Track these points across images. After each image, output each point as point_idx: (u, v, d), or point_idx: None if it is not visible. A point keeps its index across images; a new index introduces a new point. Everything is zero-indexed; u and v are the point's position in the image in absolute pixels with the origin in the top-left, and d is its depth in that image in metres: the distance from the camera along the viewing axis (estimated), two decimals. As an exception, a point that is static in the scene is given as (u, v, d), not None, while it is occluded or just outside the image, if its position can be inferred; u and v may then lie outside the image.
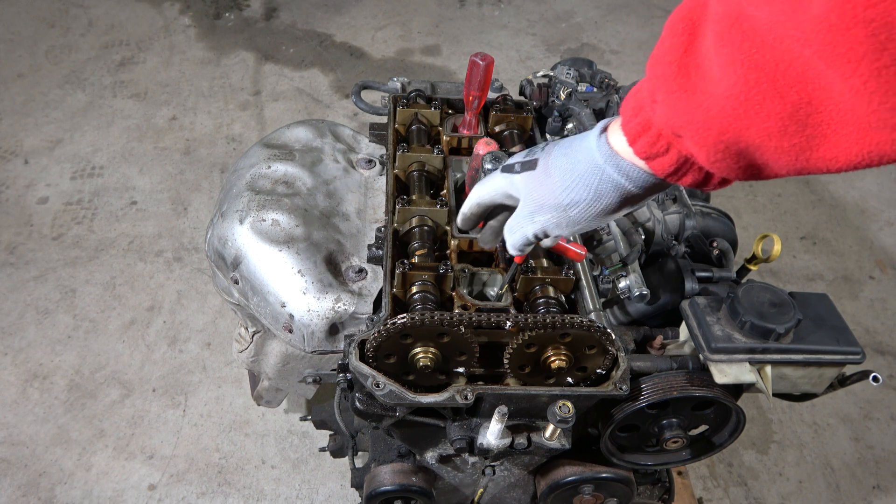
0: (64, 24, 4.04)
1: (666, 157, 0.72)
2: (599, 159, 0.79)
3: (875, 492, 2.25)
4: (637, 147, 0.74)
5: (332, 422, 1.77)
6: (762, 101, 0.57)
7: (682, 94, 0.65)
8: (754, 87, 0.57)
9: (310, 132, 1.70)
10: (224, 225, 1.46)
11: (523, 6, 4.50)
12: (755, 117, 0.59)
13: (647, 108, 0.71)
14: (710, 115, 0.62)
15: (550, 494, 1.40)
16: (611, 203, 0.80)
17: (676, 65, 0.66)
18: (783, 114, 0.57)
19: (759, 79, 0.57)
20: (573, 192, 0.82)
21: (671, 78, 0.66)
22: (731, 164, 0.66)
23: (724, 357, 1.17)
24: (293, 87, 3.71)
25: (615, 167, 0.77)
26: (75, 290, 2.63)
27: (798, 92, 0.55)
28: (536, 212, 0.88)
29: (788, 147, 0.59)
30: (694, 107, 0.64)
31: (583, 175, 0.80)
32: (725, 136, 0.62)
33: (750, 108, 0.59)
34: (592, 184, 0.80)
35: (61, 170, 3.13)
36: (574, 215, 0.84)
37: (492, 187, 0.96)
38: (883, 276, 2.96)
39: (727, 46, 0.59)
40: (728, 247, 1.36)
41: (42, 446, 2.17)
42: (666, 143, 0.71)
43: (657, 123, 0.71)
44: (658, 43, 0.69)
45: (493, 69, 1.41)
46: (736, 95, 0.59)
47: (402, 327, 1.04)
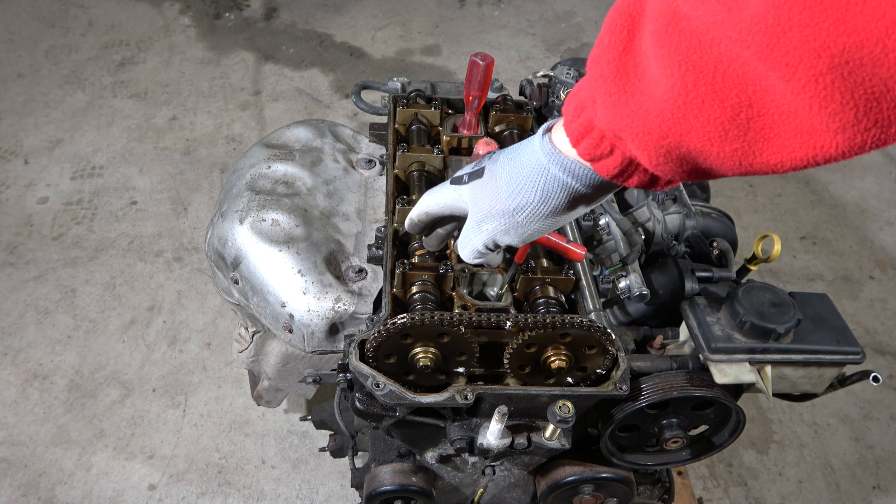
0: (64, 24, 4.04)
1: (610, 158, 0.70)
2: (543, 159, 0.76)
3: (875, 492, 2.25)
4: (580, 149, 0.71)
5: (332, 422, 1.77)
6: (701, 105, 0.55)
7: (621, 96, 0.63)
8: (693, 90, 0.55)
9: (310, 132, 1.70)
10: (224, 225, 1.46)
11: (523, 6, 4.50)
12: (695, 122, 0.56)
13: (589, 109, 0.68)
14: (650, 118, 0.60)
15: (550, 494, 1.40)
16: (559, 204, 0.78)
17: (615, 64, 0.63)
18: (723, 118, 0.55)
19: (698, 81, 0.54)
20: (519, 196, 0.79)
21: (610, 78, 0.63)
22: (674, 168, 0.63)
23: (724, 357, 1.17)
24: (293, 87, 3.71)
25: (560, 166, 0.75)
26: (75, 290, 2.63)
27: (738, 95, 0.53)
28: (483, 220, 0.85)
29: (731, 151, 0.57)
30: (633, 109, 0.62)
31: (528, 176, 0.78)
32: (666, 140, 0.60)
33: (689, 112, 0.56)
34: (538, 185, 0.77)
35: (61, 170, 3.13)
36: (522, 220, 0.81)
37: (440, 198, 0.94)
38: (883, 276, 2.96)
39: (665, 46, 0.56)
40: (728, 247, 1.36)
41: (42, 446, 2.17)
42: (609, 144, 0.68)
43: (599, 125, 0.68)
44: (597, 40, 0.66)
45: (493, 69, 1.41)
46: (675, 98, 0.56)
47: (402, 327, 1.04)
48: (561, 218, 0.81)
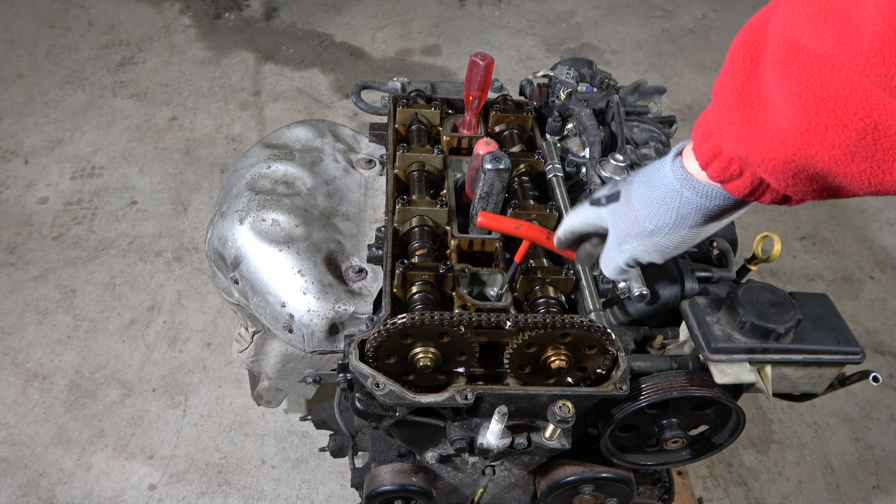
0: (64, 24, 4.04)
1: (740, 180, 0.72)
2: (675, 184, 0.80)
3: (875, 492, 2.25)
4: (710, 171, 0.74)
5: (332, 422, 1.77)
6: (825, 131, 0.57)
7: (745, 125, 0.65)
8: (815, 118, 0.57)
9: (310, 132, 1.70)
10: (224, 225, 1.46)
11: (523, 6, 4.50)
12: (819, 147, 0.58)
13: (716, 135, 0.72)
14: (774, 144, 0.62)
15: (550, 494, 1.40)
16: (695, 223, 0.81)
17: (739, 93, 0.66)
18: (848, 142, 0.57)
19: (820, 109, 0.57)
20: (655, 219, 0.83)
21: (734, 107, 0.66)
22: (804, 188, 0.66)
23: (724, 357, 1.17)
24: (293, 87, 3.71)
25: (692, 189, 0.78)
26: (75, 290, 2.63)
27: (862, 119, 0.55)
28: (623, 241, 0.90)
29: (858, 172, 0.59)
30: (758, 136, 0.64)
31: (662, 200, 0.82)
32: (792, 164, 0.62)
33: (813, 138, 0.58)
34: (672, 207, 0.81)
35: (61, 170, 3.13)
36: (660, 241, 0.85)
37: (582, 218, 0.99)
38: (883, 276, 2.96)
39: (786, 77, 0.59)
40: (728, 247, 1.36)
41: (42, 446, 2.17)
42: (738, 167, 0.71)
43: (727, 150, 0.71)
44: (721, 69, 0.69)
45: (493, 69, 1.41)
46: (797, 126, 0.59)
47: (402, 327, 1.04)
48: (699, 236, 0.84)
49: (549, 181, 1.45)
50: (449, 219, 1.33)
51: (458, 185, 1.45)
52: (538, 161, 1.46)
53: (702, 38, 4.30)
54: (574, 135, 1.61)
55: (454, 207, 1.36)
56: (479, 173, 1.23)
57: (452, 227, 1.33)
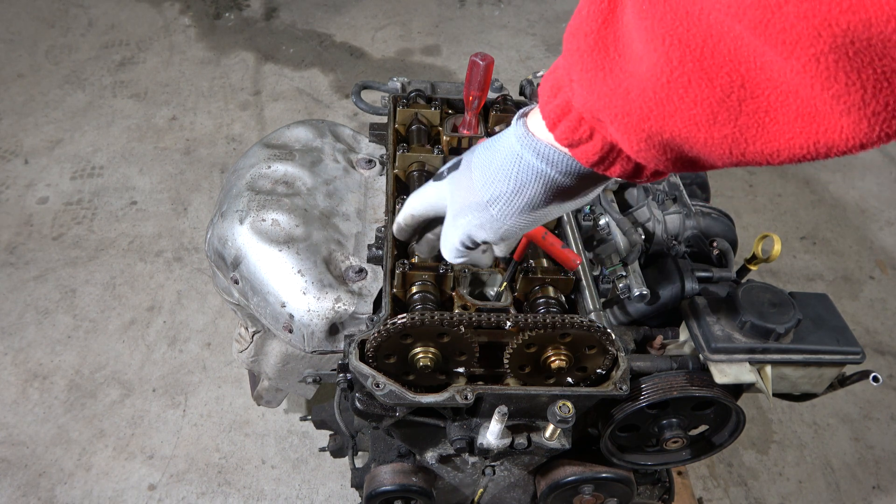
0: (64, 24, 4.04)
1: (590, 144, 0.63)
2: (516, 145, 0.70)
3: (875, 492, 2.25)
4: (558, 133, 0.65)
5: (332, 422, 1.77)
6: (688, 84, 0.49)
7: (599, 73, 0.56)
8: (678, 67, 0.49)
9: (310, 132, 1.70)
10: (224, 225, 1.46)
11: (523, 6, 4.50)
12: (680, 103, 0.50)
13: (566, 88, 0.62)
14: (630, 98, 0.54)
15: (550, 494, 1.40)
16: (535, 195, 0.71)
17: (594, 37, 0.56)
18: (712, 99, 0.49)
19: (685, 57, 0.48)
20: (492, 186, 0.73)
21: (587, 53, 0.57)
22: (657, 156, 0.57)
23: (724, 357, 1.17)
24: (293, 87, 3.71)
25: (534, 152, 0.68)
26: (75, 290, 2.63)
27: (729, 73, 0.47)
28: (458, 214, 0.80)
29: (720, 138, 0.51)
30: (612, 88, 0.55)
31: (501, 165, 0.72)
32: (647, 123, 0.54)
33: (674, 92, 0.50)
34: (511, 173, 0.71)
35: (61, 170, 3.13)
36: (496, 213, 0.74)
37: (422, 197, 0.89)
38: (883, 276, 2.96)
39: (648, 18, 0.50)
40: (728, 247, 1.36)
41: (42, 446, 2.17)
42: (589, 128, 0.62)
43: (577, 106, 0.61)
44: (575, 11, 0.59)
45: (493, 69, 1.41)
46: (658, 76, 0.50)
47: (402, 327, 1.04)
48: (540, 213, 0.74)
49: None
50: (449, 219, 1.33)
51: (458, 185, 1.44)
52: (538, 161, 1.46)
53: (702, 38, 4.29)
54: (574, 135, 1.61)
55: (454, 207, 1.36)
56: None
57: (452, 227, 1.33)
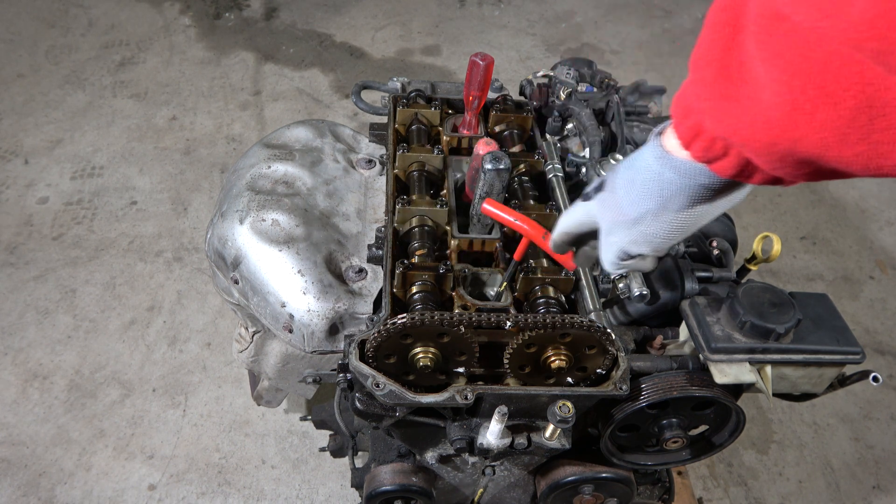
0: (64, 24, 4.04)
1: (726, 160, 0.65)
2: (655, 164, 0.73)
3: (875, 492, 2.25)
4: (693, 151, 0.68)
5: (332, 422, 1.77)
6: (813, 110, 0.51)
7: (724, 102, 0.59)
8: (801, 95, 0.51)
9: (310, 132, 1.70)
10: (224, 225, 1.46)
11: (523, 6, 4.50)
12: (807, 128, 0.52)
13: (696, 112, 0.65)
14: (757, 125, 0.56)
15: (550, 494, 1.40)
16: (680, 207, 0.73)
17: (718, 65, 0.59)
18: (840, 122, 0.50)
19: (807, 85, 0.50)
20: (637, 205, 0.76)
21: (713, 81, 0.60)
22: (794, 172, 0.59)
23: (724, 357, 1.17)
24: (293, 87, 3.71)
25: (673, 169, 0.71)
26: (75, 290, 2.63)
27: (855, 96, 0.49)
28: (610, 233, 0.83)
29: (853, 156, 0.52)
30: (739, 115, 0.57)
31: (643, 184, 0.75)
32: (778, 146, 0.56)
33: (799, 118, 0.52)
34: (654, 191, 0.74)
35: (61, 170, 3.13)
36: (646, 229, 0.77)
37: (573, 217, 0.93)
38: (883, 276, 2.96)
39: (768, 49, 0.52)
40: (728, 247, 1.36)
41: (42, 446, 2.17)
42: (723, 146, 0.64)
43: (708, 128, 0.64)
44: (699, 38, 0.62)
45: (493, 69, 1.41)
46: (782, 104, 0.52)
47: (402, 327, 1.04)
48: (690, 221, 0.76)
49: (549, 181, 1.45)
50: (449, 219, 1.33)
51: (458, 185, 1.45)
52: (538, 161, 1.46)
53: (702, 38, 4.29)
54: (574, 135, 1.61)
55: (454, 207, 1.36)
56: (479, 173, 1.23)
57: (452, 227, 1.33)
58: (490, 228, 1.34)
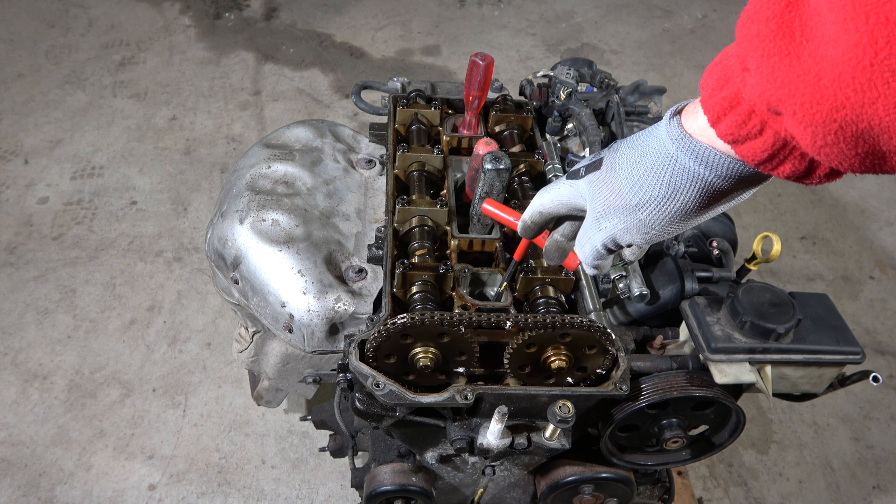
0: (64, 24, 4.04)
1: (759, 139, 0.58)
2: (670, 146, 0.65)
3: (875, 492, 2.25)
4: (722, 128, 0.60)
5: (332, 422, 1.77)
6: (894, 69, 0.44)
7: (783, 59, 0.51)
8: (885, 48, 0.43)
9: (310, 132, 1.70)
10: (224, 225, 1.46)
11: (523, 6, 4.50)
12: (885, 88, 0.45)
13: (737, 79, 0.57)
14: (822, 84, 0.48)
15: (550, 494, 1.40)
16: (689, 199, 0.66)
17: (777, 21, 0.51)
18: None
19: (892, 37, 0.43)
20: (642, 189, 0.68)
21: (769, 38, 0.52)
22: (844, 150, 0.51)
23: (724, 357, 1.17)
24: (293, 87, 3.71)
25: (690, 153, 0.64)
26: (75, 290, 2.63)
27: None
28: (602, 217, 0.74)
29: None
30: (800, 74, 0.50)
31: (652, 167, 0.67)
32: (841, 112, 0.48)
33: (877, 76, 0.45)
34: (664, 176, 0.66)
35: (61, 170, 3.13)
36: (645, 218, 0.70)
37: (555, 195, 0.83)
38: (883, 276, 2.96)
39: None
40: (728, 247, 1.36)
41: (42, 446, 2.17)
42: (759, 121, 0.57)
43: (749, 97, 0.56)
44: (749, 1, 0.55)
45: (493, 69, 1.41)
46: (859, 59, 0.45)
47: (402, 327, 1.04)
48: (692, 219, 0.69)
49: (549, 181, 1.45)
50: (449, 219, 1.33)
51: (458, 185, 1.45)
52: (538, 161, 1.46)
53: (702, 38, 4.30)
54: (574, 135, 1.61)
55: (454, 207, 1.36)
56: (479, 173, 1.23)
57: (452, 227, 1.33)
58: (490, 228, 1.34)
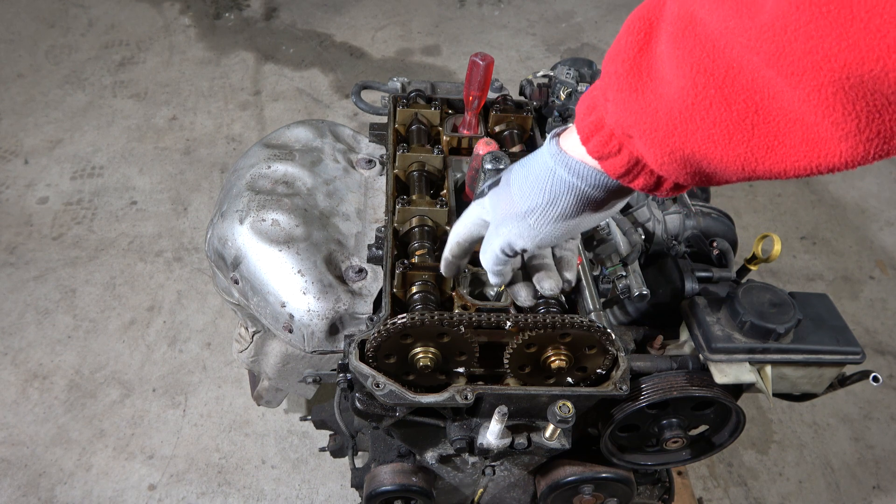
0: (64, 24, 4.04)
1: (618, 157, 0.71)
2: (550, 161, 0.79)
3: (875, 492, 2.25)
4: (590, 146, 0.73)
5: (332, 422, 1.77)
6: (709, 107, 0.57)
7: (632, 94, 0.65)
8: (702, 92, 0.57)
9: (310, 132, 1.70)
10: (224, 225, 1.46)
11: (523, 6, 4.50)
12: (701, 122, 0.58)
13: (601, 107, 0.71)
14: (659, 117, 0.62)
15: (550, 494, 1.40)
16: (567, 206, 0.80)
17: (630, 63, 0.65)
18: (730, 121, 0.56)
19: (708, 84, 0.56)
20: (529, 198, 0.81)
21: (623, 76, 0.66)
22: (678, 169, 0.65)
23: (724, 357, 1.17)
24: (293, 87, 3.71)
25: (566, 167, 0.77)
26: (75, 290, 2.63)
27: (746, 100, 0.55)
28: (500, 224, 0.87)
29: (734, 156, 0.58)
30: (643, 107, 0.64)
31: (536, 179, 0.81)
32: (672, 139, 0.62)
33: (697, 113, 0.58)
34: (546, 187, 0.79)
35: (61, 170, 3.13)
36: (533, 223, 0.82)
37: (467, 220, 0.95)
38: (883, 276, 2.96)
39: (679, 49, 0.58)
40: (728, 247, 1.36)
41: (42, 446, 2.17)
42: (618, 143, 0.70)
43: (609, 123, 0.70)
44: (615, 41, 0.68)
45: (493, 69, 1.41)
46: (684, 99, 0.59)
47: (402, 327, 1.04)
48: (573, 223, 0.82)
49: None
50: (449, 219, 1.33)
51: (458, 185, 1.45)
52: (538, 161, 1.45)
53: (702, 38, 4.29)
54: (574, 135, 1.61)
55: (454, 207, 1.36)
56: (479, 173, 1.23)
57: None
58: (490, 228, 1.34)
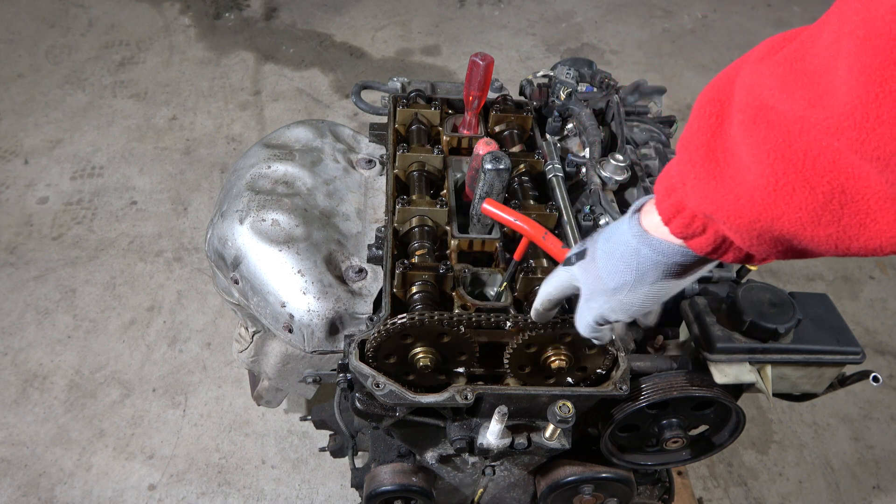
0: (64, 24, 4.04)
1: (703, 237, 0.71)
2: (633, 241, 0.78)
3: (875, 492, 2.25)
4: (672, 227, 0.73)
5: (332, 422, 1.77)
6: (792, 192, 0.56)
7: (711, 180, 0.64)
8: (783, 178, 0.56)
9: (310, 132, 1.70)
10: (224, 225, 1.46)
11: (523, 6, 4.50)
12: (786, 208, 0.58)
13: (679, 190, 0.70)
14: (741, 202, 0.61)
15: (550, 494, 1.40)
16: (655, 280, 0.80)
17: (705, 149, 0.65)
18: (815, 204, 0.56)
19: (787, 169, 0.56)
20: (616, 276, 0.81)
21: (700, 162, 0.65)
22: (768, 249, 0.65)
23: (724, 357, 1.17)
24: (293, 87, 3.71)
25: (649, 246, 0.77)
26: (75, 290, 2.63)
27: (829, 182, 0.54)
28: (591, 298, 0.88)
29: (825, 236, 0.58)
30: (724, 193, 0.63)
31: (621, 257, 0.80)
32: (758, 224, 0.61)
33: (779, 199, 0.57)
34: (632, 265, 0.79)
35: (61, 170, 3.13)
36: (623, 298, 0.83)
37: (557, 282, 0.97)
38: (883, 276, 2.96)
39: (754, 136, 0.58)
40: (728, 247, 1.36)
41: (42, 446, 2.17)
42: (701, 223, 0.70)
43: (690, 206, 0.69)
44: (686, 125, 0.68)
45: (493, 69, 1.41)
46: (764, 185, 0.58)
47: (402, 327, 1.04)
48: (662, 293, 0.82)
49: (549, 181, 1.45)
50: (449, 219, 1.33)
51: (458, 185, 1.45)
52: (538, 161, 1.46)
53: (702, 38, 4.30)
54: (574, 135, 1.61)
55: (454, 207, 1.36)
56: (479, 173, 1.23)
57: (452, 227, 1.33)
58: (490, 228, 1.34)
